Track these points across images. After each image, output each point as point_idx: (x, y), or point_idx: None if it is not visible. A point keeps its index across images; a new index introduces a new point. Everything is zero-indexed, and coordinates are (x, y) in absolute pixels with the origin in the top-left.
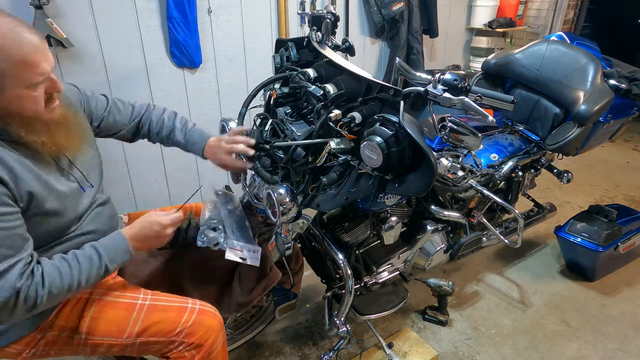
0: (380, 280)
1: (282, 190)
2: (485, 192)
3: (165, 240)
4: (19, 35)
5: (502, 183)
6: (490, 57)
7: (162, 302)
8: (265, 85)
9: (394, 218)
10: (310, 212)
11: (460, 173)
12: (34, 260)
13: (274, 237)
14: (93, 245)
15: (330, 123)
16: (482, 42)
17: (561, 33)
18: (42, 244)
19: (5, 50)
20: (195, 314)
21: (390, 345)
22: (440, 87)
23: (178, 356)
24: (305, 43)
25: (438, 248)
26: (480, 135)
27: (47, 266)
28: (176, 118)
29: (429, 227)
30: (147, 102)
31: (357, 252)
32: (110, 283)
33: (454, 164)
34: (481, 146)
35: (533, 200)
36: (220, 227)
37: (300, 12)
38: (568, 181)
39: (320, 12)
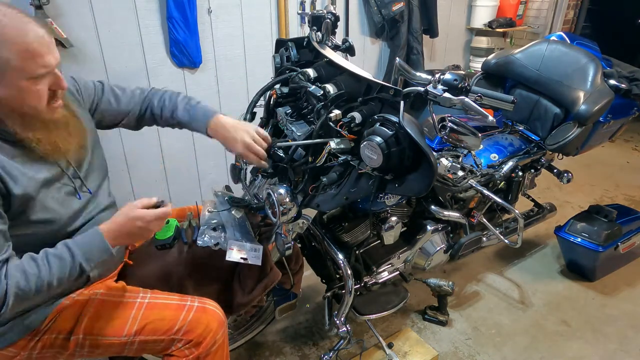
0: (380, 280)
1: (282, 190)
2: (485, 192)
3: (150, 234)
4: (24, 24)
5: (502, 183)
6: (490, 57)
7: (160, 300)
8: (266, 90)
9: (394, 218)
10: (310, 212)
11: (460, 173)
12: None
13: (274, 237)
14: (65, 243)
15: (330, 123)
16: (482, 42)
17: (561, 33)
18: (34, 250)
19: (8, 38)
20: (193, 312)
21: (390, 345)
22: (440, 87)
23: (178, 354)
24: (305, 43)
25: (438, 248)
26: (480, 135)
27: (11, 268)
28: (179, 96)
29: (429, 227)
30: (149, 87)
31: (357, 252)
32: (108, 284)
33: (454, 164)
34: (481, 146)
35: (533, 200)
36: (220, 227)
37: (300, 12)
38: (568, 181)
39: (320, 12)
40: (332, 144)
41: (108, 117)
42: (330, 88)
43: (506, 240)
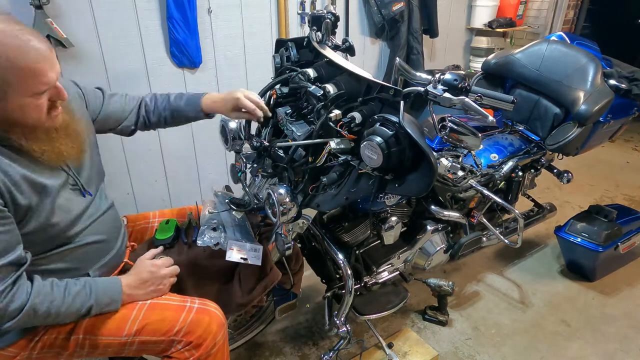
0: (380, 280)
1: (282, 190)
2: (485, 192)
3: (165, 284)
4: (25, 42)
5: (502, 183)
6: (490, 57)
7: (161, 300)
8: (267, 91)
9: (394, 218)
10: (310, 212)
11: (460, 173)
12: (23, 268)
13: (274, 237)
14: (89, 284)
15: (330, 123)
16: (482, 42)
17: (561, 33)
18: (38, 252)
19: (9, 58)
20: (194, 313)
21: (390, 345)
22: (440, 87)
23: (177, 356)
24: (305, 43)
25: (438, 248)
26: (480, 135)
27: (36, 287)
28: (169, 93)
29: (429, 227)
30: (140, 95)
31: (357, 252)
32: None
33: (454, 164)
34: (481, 146)
35: (533, 200)
36: (220, 227)
37: (300, 12)
38: (568, 181)
39: (320, 12)
40: (332, 144)
41: (110, 121)
42: (330, 88)
43: (506, 240)
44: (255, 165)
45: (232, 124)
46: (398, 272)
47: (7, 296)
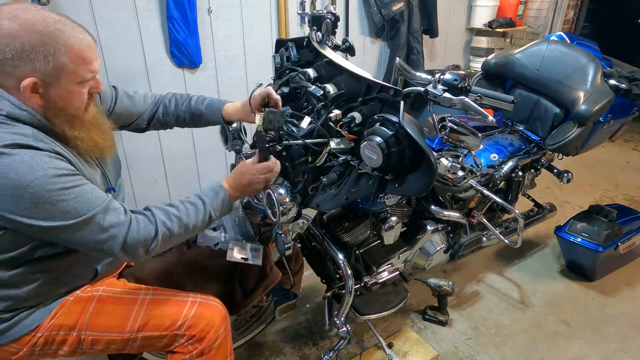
0: (380, 280)
1: (282, 190)
2: (485, 192)
3: (260, 184)
4: (80, 32)
5: (502, 183)
6: (490, 57)
7: (163, 296)
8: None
9: (394, 218)
10: (310, 212)
11: (460, 173)
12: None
13: (274, 237)
14: (199, 195)
15: (330, 123)
16: (482, 42)
17: (561, 33)
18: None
19: (66, 44)
20: (196, 307)
21: (390, 345)
22: (440, 87)
23: (181, 350)
24: (305, 43)
25: (438, 248)
26: (480, 135)
27: (156, 211)
28: (188, 94)
29: (429, 227)
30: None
31: (357, 252)
32: (110, 281)
33: (454, 164)
34: (481, 146)
35: (533, 200)
36: (220, 227)
37: (300, 12)
38: (568, 181)
39: (320, 12)
40: (332, 144)
41: (123, 118)
42: (330, 88)
43: (506, 240)
44: None
45: (232, 124)
46: (398, 272)
47: (136, 224)
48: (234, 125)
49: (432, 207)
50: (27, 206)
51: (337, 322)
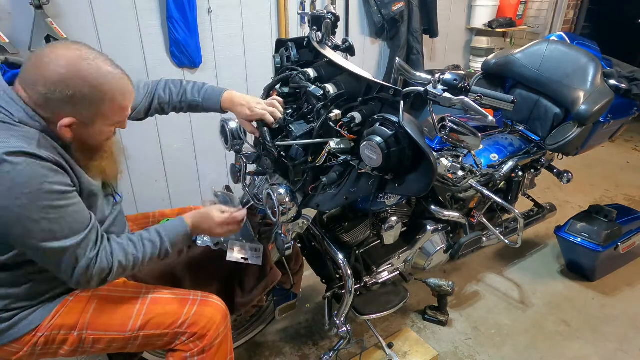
0: (380, 280)
1: (282, 190)
2: (485, 192)
3: (216, 232)
4: (125, 85)
5: (502, 183)
6: (490, 57)
7: (164, 295)
8: (267, 91)
9: (394, 218)
10: (310, 212)
11: (460, 173)
12: (101, 234)
13: (274, 237)
14: (157, 231)
15: (330, 123)
16: (482, 42)
17: (561, 33)
18: None
19: (114, 97)
20: (197, 305)
21: (390, 345)
22: (440, 87)
23: (182, 348)
24: (305, 43)
25: (438, 248)
26: (480, 135)
27: (115, 248)
28: (183, 82)
29: (429, 227)
30: (150, 80)
31: (357, 252)
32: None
33: (454, 164)
34: (481, 146)
35: (533, 200)
36: None
37: (300, 12)
38: (568, 181)
39: (320, 12)
40: (332, 144)
41: None
42: (330, 88)
43: (506, 240)
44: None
45: (232, 124)
46: (398, 272)
47: (97, 261)
48: (234, 125)
49: (432, 207)
50: (10, 216)
51: (337, 322)
